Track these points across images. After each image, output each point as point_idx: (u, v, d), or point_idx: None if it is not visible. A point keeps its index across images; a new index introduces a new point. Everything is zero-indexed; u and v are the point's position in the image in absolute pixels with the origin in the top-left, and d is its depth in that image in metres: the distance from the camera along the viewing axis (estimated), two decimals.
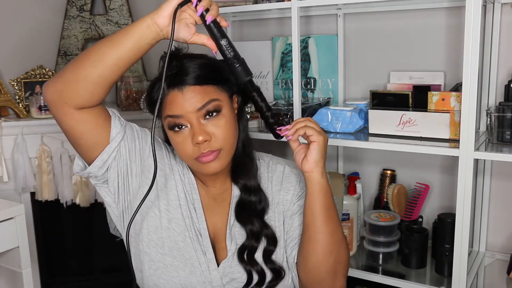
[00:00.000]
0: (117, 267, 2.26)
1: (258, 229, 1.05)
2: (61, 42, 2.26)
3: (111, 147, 0.99)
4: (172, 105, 0.97)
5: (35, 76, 2.10)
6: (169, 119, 0.99)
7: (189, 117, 0.97)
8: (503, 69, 1.53)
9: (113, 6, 2.26)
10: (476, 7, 1.21)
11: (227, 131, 0.99)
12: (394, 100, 1.51)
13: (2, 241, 1.49)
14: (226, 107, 1.00)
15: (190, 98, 0.96)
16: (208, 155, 0.98)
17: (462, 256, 1.32)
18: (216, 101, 0.98)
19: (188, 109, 0.96)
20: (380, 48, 1.73)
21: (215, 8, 0.94)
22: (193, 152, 0.98)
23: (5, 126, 1.90)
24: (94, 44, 0.94)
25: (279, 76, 1.87)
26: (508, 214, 1.60)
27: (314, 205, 0.99)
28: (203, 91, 0.97)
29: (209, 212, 1.08)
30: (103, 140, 0.99)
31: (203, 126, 0.97)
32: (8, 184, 1.94)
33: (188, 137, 0.98)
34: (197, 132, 0.96)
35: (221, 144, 0.99)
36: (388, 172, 1.73)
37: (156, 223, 1.05)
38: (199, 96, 0.97)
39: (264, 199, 1.09)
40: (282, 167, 1.13)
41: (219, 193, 1.10)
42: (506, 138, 1.34)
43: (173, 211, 1.06)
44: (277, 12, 1.82)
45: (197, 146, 0.97)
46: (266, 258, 1.05)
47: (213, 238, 1.07)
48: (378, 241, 1.58)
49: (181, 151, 1.00)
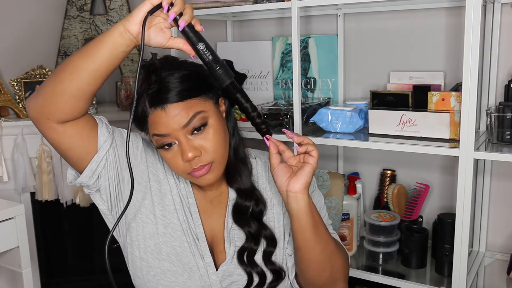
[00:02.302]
0: (117, 267, 2.25)
1: (256, 231, 1.05)
2: (61, 42, 2.26)
3: (99, 156, 0.97)
4: (157, 124, 0.95)
5: (35, 76, 2.10)
6: (156, 137, 0.96)
7: (176, 134, 0.94)
8: (503, 69, 1.53)
9: (113, 6, 2.26)
10: (476, 7, 1.21)
11: (217, 142, 0.97)
12: (394, 100, 1.51)
13: (2, 241, 1.49)
14: (212, 116, 0.97)
15: (174, 115, 0.93)
16: (200, 170, 0.96)
17: (462, 256, 1.32)
18: (201, 113, 0.95)
19: (173, 126, 0.94)
20: (380, 48, 1.73)
21: (188, 12, 0.89)
22: (185, 168, 0.97)
23: (5, 126, 1.90)
24: (69, 56, 0.91)
25: (279, 76, 1.87)
26: (508, 214, 1.60)
27: (303, 227, 0.95)
28: (187, 106, 0.94)
29: (206, 216, 1.07)
30: (91, 150, 0.97)
31: (191, 142, 0.95)
32: (8, 184, 1.94)
33: (178, 153, 0.96)
34: (186, 150, 0.94)
35: (212, 157, 0.97)
36: (388, 172, 1.73)
37: (152, 229, 1.04)
38: (183, 113, 0.93)
39: (261, 200, 1.07)
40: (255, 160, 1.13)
41: (216, 196, 1.09)
42: (506, 138, 1.34)
43: (169, 216, 1.04)
44: (277, 12, 1.82)
45: (188, 162, 0.96)
46: (266, 259, 1.05)
47: (211, 241, 1.06)
48: (378, 241, 1.58)
49: (173, 166, 0.99)
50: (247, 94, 0.99)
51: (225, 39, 2.02)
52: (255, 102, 1.71)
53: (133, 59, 2.30)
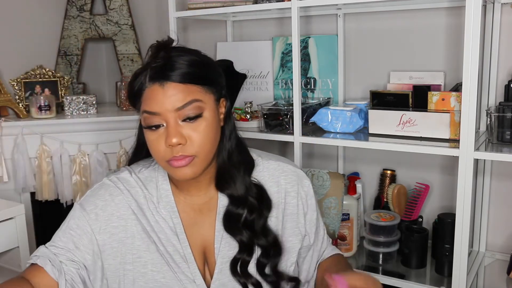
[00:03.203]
0: None
1: (249, 239, 0.99)
2: (61, 42, 2.26)
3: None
4: (150, 100, 0.90)
5: (35, 76, 2.10)
6: (146, 114, 0.91)
7: (166, 116, 0.89)
8: (503, 69, 1.53)
9: (113, 6, 2.26)
10: (476, 7, 1.21)
11: (205, 136, 0.92)
12: (394, 100, 1.51)
13: (2, 241, 1.49)
14: (208, 110, 0.93)
15: (171, 95, 0.89)
16: (180, 160, 0.90)
17: (462, 256, 1.32)
18: (199, 102, 0.91)
19: (167, 107, 0.89)
20: (380, 48, 1.73)
21: None
22: (165, 154, 0.91)
23: (5, 126, 1.90)
24: None
25: (279, 76, 1.87)
26: (508, 214, 1.60)
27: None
28: (186, 89, 0.90)
29: (196, 228, 1.01)
30: None
31: (180, 128, 0.90)
32: (8, 184, 1.94)
33: (162, 136, 0.91)
34: (172, 133, 0.89)
35: (196, 150, 0.91)
36: (388, 172, 1.73)
37: (130, 277, 0.98)
38: (180, 95, 0.89)
39: (255, 207, 1.00)
40: (276, 164, 1.06)
41: (205, 202, 1.02)
42: (506, 138, 1.34)
43: (144, 255, 0.98)
44: (277, 12, 1.82)
45: (169, 147, 0.90)
46: (260, 270, 1.00)
47: (205, 253, 1.01)
48: (378, 241, 1.58)
49: (154, 150, 0.93)
50: (247, 94, 0.96)
51: (225, 39, 2.02)
52: (255, 102, 1.72)
53: (133, 59, 2.30)
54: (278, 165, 1.07)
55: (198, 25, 2.10)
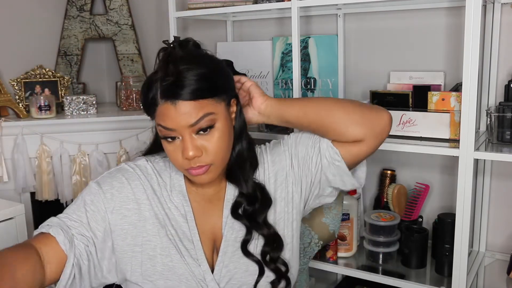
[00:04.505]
0: None
1: (253, 226, 1.05)
2: (61, 42, 2.26)
3: (65, 274, 0.94)
4: (164, 117, 0.94)
5: (35, 76, 2.10)
6: (161, 128, 0.96)
7: (181, 131, 0.94)
8: (503, 69, 1.53)
9: (113, 6, 2.26)
10: (476, 7, 1.21)
11: (219, 145, 0.97)
12: (394, 100, 1.51)
13: (2, 241, 1.48)
14: (221, 119, 0.97)
15: (183, 113, 0.92)
16: (198, 169, 0.96)
17: (462, 256, 1.32)
18: (211, 115, 0.94)
19: (180, 123, 0.93)
20: (380, 48, 1.73)
21: None
22: (183, 164, 0.97)
23: (5, 126, 1.90)
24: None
25: (279, 76, 1.87)
26: (508, 214, 1.60)
27: (299, 116, 1.06)
28: (198, 105, 0.93)
29: (206, 216, 1.06)
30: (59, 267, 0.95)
31: (195, 141, 0.95)
32: (8, 184, 1.94)
33: (179, 148, 0.96)
34: (188, 147, 0.94)
35: (212, 159, 0.97)
36: (388, 172, 1.73)
37: (138, 259, 1.01)
38: (193, 112, 0.92)
39: (263, 201, 1.06)
40: (260, 149, 1.12)
41: (215, 193, 1.08)
42: (506, 138, 1.34)
43: (154, 239, 1.02)
44: (277, 12, 1.82)
45: (187, 160, 0.95)
46: (264, 258, 1.04)
47: (215, 240, 1.06)
48: (378, 241, 1.58)
49: (173, 159, 0.99)
50: None
51: (225, 39, 2.02)
52: None
53: (133, 59, 2.30)
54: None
55: (198, 25, 2.10)
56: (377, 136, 1.05)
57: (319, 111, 1.04)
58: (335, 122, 1.03)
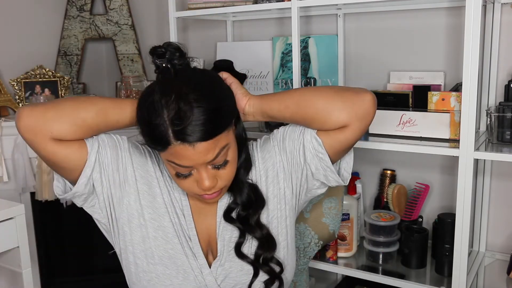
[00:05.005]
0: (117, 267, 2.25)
1: (246, 228, 1.05)
2: (61, 42, 2.26)
3: (91, 161, 0.96)
4: (179, 156, 0.91)
5: (35, 76, 2.10)
6: (174, 165, 0.94)
7: (197, 166, 0.94)
8: (503, 69, 1.53)
9: (113, 6, 2.26)
10: (476, 7, 1.21)
11: (232, 172, 0.99)
12: (394, 100, 1.51)
13: (2, 241, 1.48)
14: (232, 147, 0.97)
15: (201, 152, 0.91)
16: (212, 195, 0.98)
17: (462, 256, 1.32)
18: (226, 147, 0.94)
19: (198, 162, 0.92)
20: (380, 48, 1.73)
21: None
22: (197, 191, 0.97)
23: (5, 126, 1.90)
24: (100, 98, 0.99)
25: (279, 76, 1.87)
26: (508, 214, 1.60)
27: (281, 109, 1.02)
28: (214, 142, 0.91)
29: (201, 216, 1.07)
30: (84, 156, 0.96)
31: (210, 171, 0.95)
32: (8, 184, 1.94)
33: (193, 180, 0.96)
34: (204, 178, 0.94)
35: (225, 184, 0.99)
36: (388, 172, 1.73)
37: (142, 233, 1.03)
38: (210, 149, 0.91)
39: (257, 205, 1.06)
40: (251, 147, 1.11)
41: None
42: (506, 138, 1.34)
43: (160, 219, 1.03)
44: (277, 12, 1.82)
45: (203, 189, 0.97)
46: (257, 259, 1.04)
47: (209, 240, 1.06)
48: (378, 241, 1.58)
49: (185, 189, 0.99)
50: None
51: (225, 39, 2.02)
52: None
53: (133, 59, 2.30)
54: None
55: (198, 25, 2.10)
56: (361, 119, 1.01)
57: (300, 102, 1.01)
58: (316, 111, 0.99)
